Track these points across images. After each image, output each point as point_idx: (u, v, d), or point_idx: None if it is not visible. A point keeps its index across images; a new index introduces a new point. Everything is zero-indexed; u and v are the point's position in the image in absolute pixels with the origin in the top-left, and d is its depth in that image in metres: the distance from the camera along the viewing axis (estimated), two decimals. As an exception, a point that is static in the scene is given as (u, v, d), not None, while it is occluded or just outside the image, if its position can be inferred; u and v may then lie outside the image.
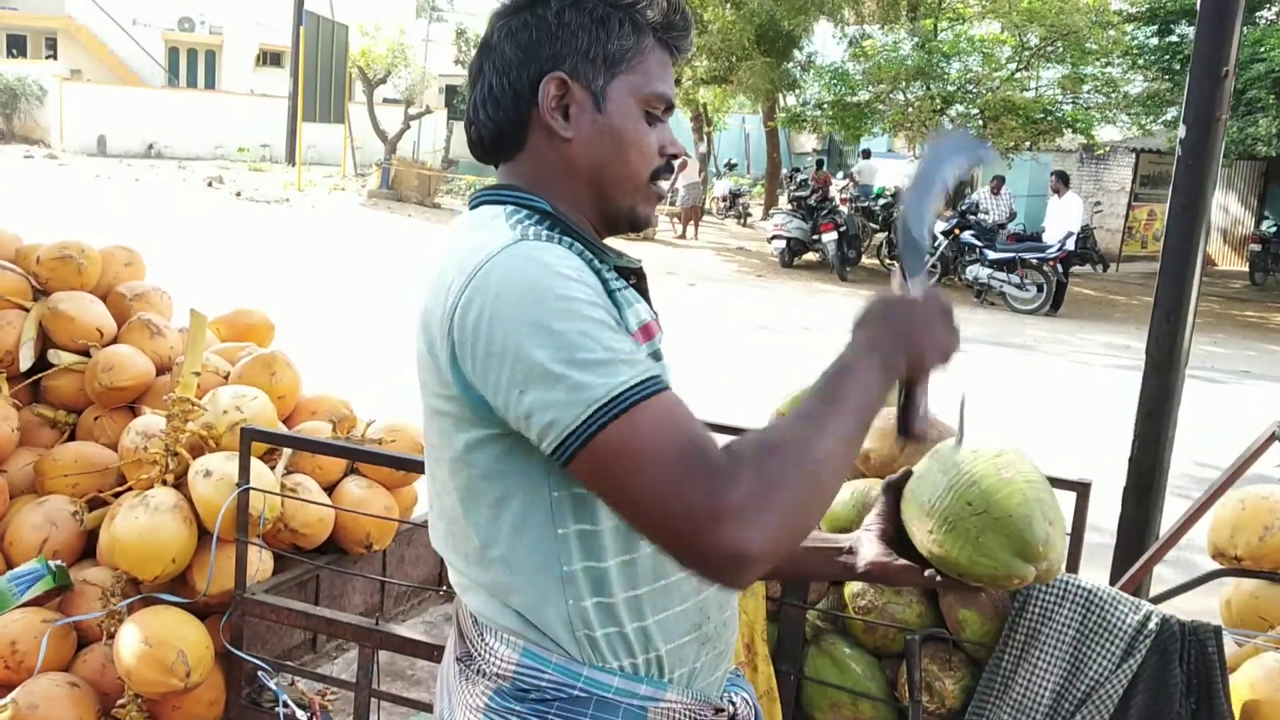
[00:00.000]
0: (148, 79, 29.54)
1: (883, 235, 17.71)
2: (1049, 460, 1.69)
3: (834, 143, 30.11)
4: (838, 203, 17.17)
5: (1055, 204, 14.86)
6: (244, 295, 4.95)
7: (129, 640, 2.37)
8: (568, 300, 1.05)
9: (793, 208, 17.20)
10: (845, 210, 16.91)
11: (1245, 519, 2.00)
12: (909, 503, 1.40)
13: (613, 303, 1.14)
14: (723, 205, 23.85)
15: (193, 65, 32.24)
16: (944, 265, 15.15)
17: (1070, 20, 16.09)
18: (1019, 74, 17.33)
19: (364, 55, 22.85)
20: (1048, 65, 17.64)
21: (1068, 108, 17.38)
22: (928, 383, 1.20)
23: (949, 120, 17.25)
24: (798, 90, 20.80)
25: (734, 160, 28.76)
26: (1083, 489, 2.01)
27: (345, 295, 10.65)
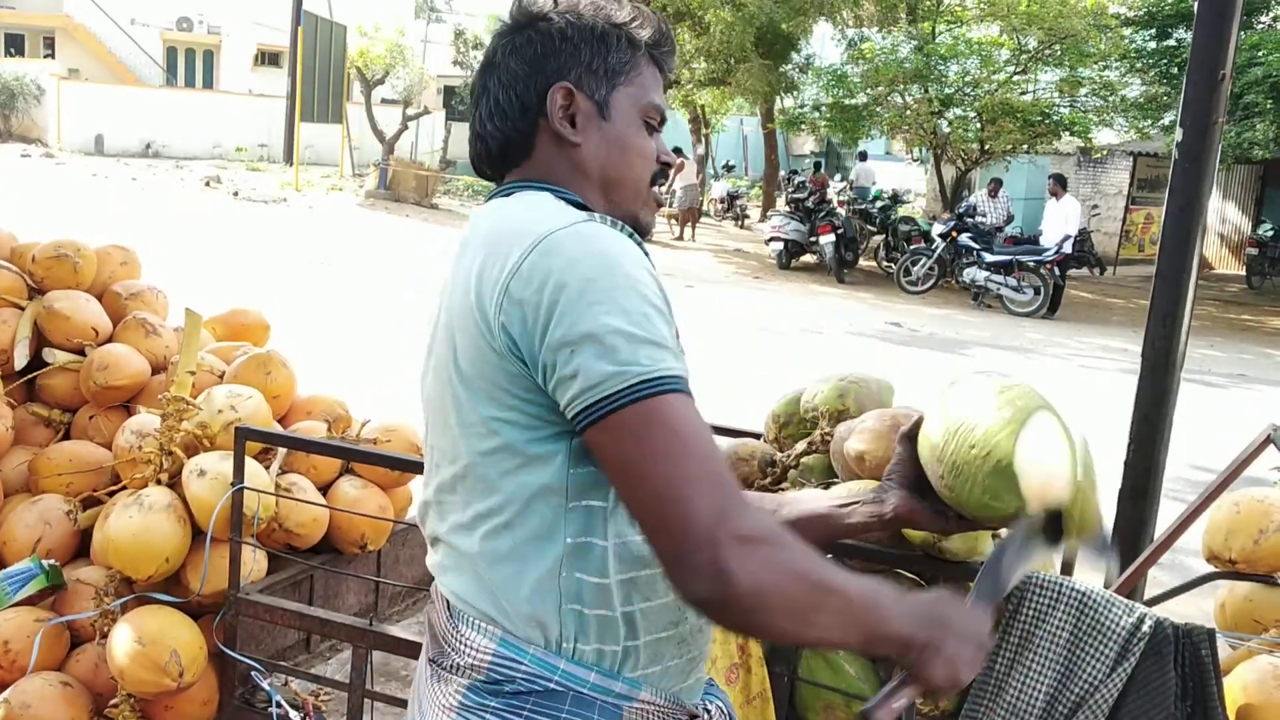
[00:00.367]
0: (146, 78, 29.52)
1: (880, 238, 17.74)
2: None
3: (832, 145, 30.19)
4: (835, 205, 17.20)
5: (1053, 207, 14.89)
6: (240, 295, 4.96)
7: (122, 640, 2.36)
8: (635, 281, 1.11)
9: (790, 210, 17.23)
10: (842, 213, 16.93)
11: (1240, 522, 1.99)
12: (922, 447, 1.41)
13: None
14: (720, 207, 23.87)
15: (191, 65, 32.23)
16: (941, 267, 15.17)
17: (1069, 24, 16.14)
18: (1017, 77, 17.38)
19: (362, 55, 22.84)
20: (1046, 68, 17.70)
21: (1065, 111, 17.44)
22: (918, 689, 1.19)
23: (946, 123, 17.27)
24: (796, 92, 20.84)
25: (732, 162, 28.83)
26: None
27: (342, 295, 10.64)
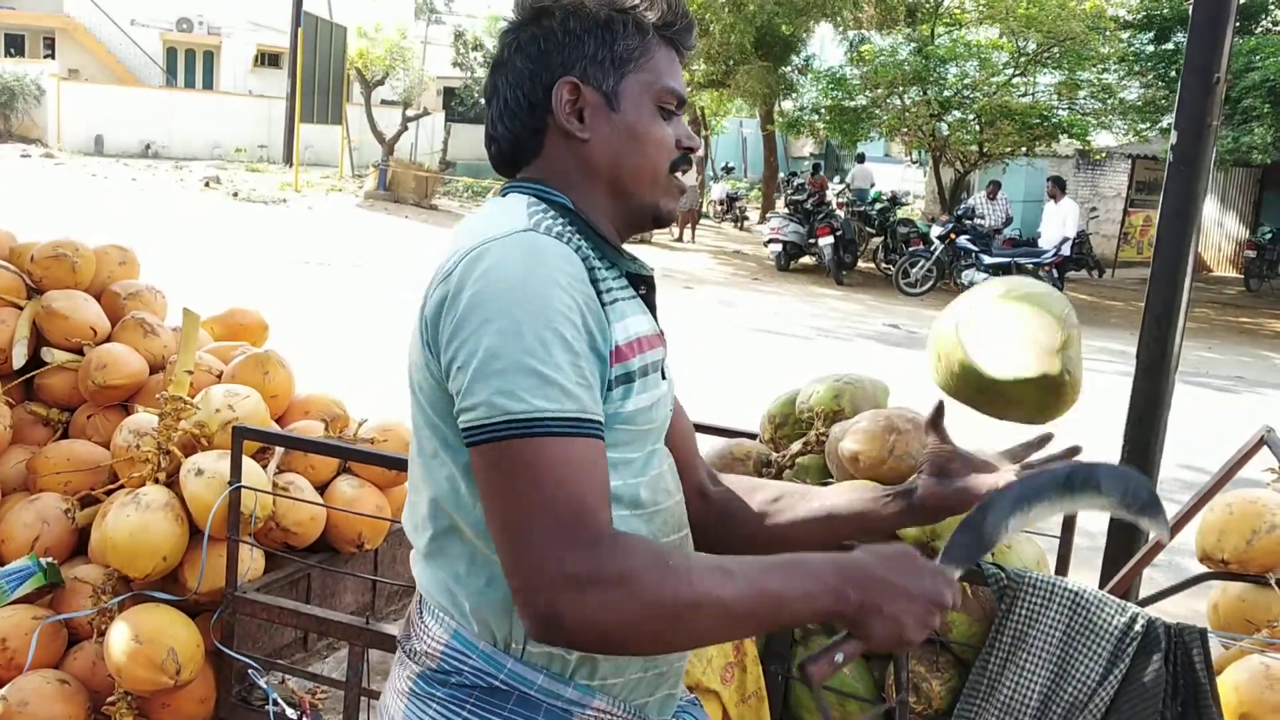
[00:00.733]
0: (145, 79, 29.52)
1: (878, 239, 17.75)
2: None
3: (831, 147, 30.21)
4: (834, 207, 17.21)
5: (1051, 209, 14.90)
6: (238, 295, 4.95)
7: (119, 638, 2.37)
8: (545, 305, 1.07)
9: (789, 211, 17.24)
10: (841, 214, 16.95)
11: (1232, 523, 2.00)
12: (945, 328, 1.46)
13: (604, 315, 1.13)
14: (719, 208, 23.87)
15: (190, 65, 32.22)
16: (940, 269, 15.19)
17: (1067, 26, 16.14)
18: (1016, 79, 17.38)
19: (362, 57, 22.85)
20: (1045, 71, 17.70)
21: (1064, 113, 17.43)
22: (859, 647, 1.10)
23: (945, 126, 17.29)
24: (795, 94, 20.85)
25: (731, 164, 28.83)
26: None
27: (340, 296, 10.65)
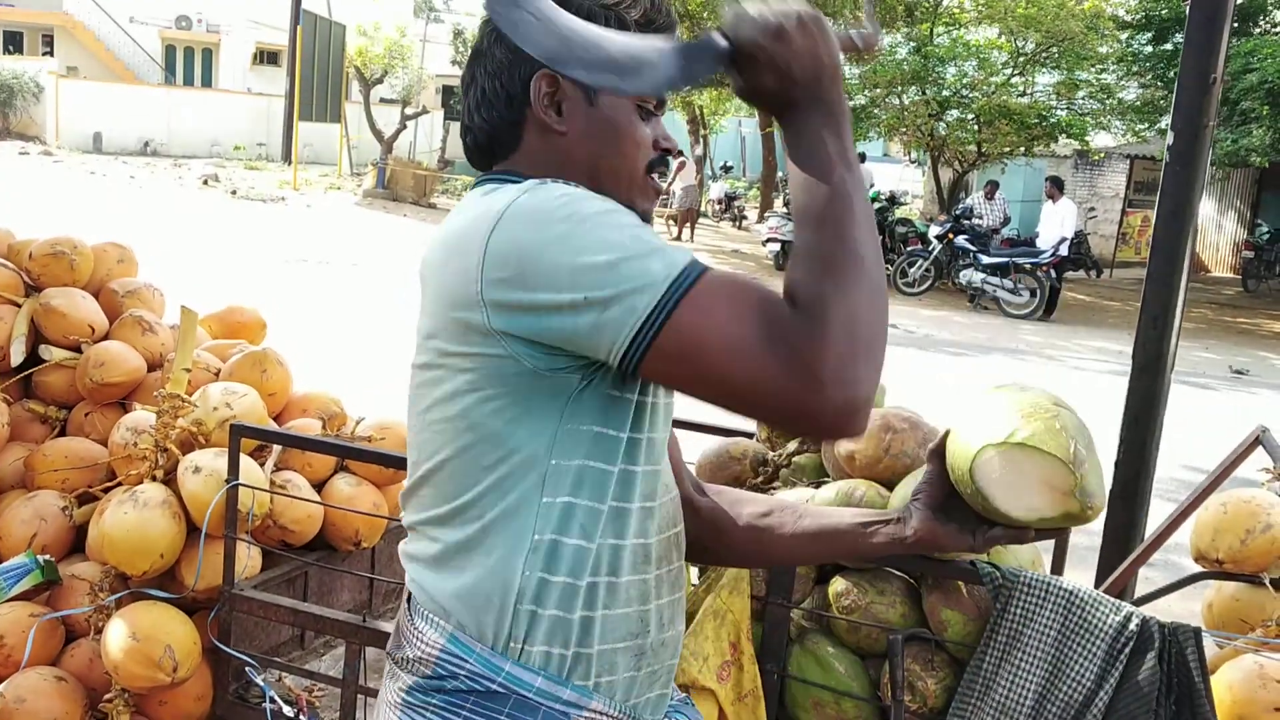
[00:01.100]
0: (144, 76, 29.53)
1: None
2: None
3: (830, 147, 30.13)
4: (833, 206, 17.18)
5: (1049, 209, 14.90)
6: (236, 293, 4.96)
7: (117, 635, 2.37)
8: (605, 209, 1.07)
9: (787, 211, 17.24)
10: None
11: (1227, 522, 2.01)
12: (950, 456, 1.34)
13: None
14: (718, 208, 23.89)
15: (189, 63, 32.23)
16: (938, 269, 15.19)
17: (1066, 26, 16.16)
18: (1014, 79, 17.39)
19: (361, 55, 22.85)
20: (1043, 71, 17.71)
21: (1063, 113, 17.45)
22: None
23: (943, 125, 17.30)
24: (794, 94, 20.83)
25: (730, 163, 28.85)
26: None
27: (338, 294, 10.65)
